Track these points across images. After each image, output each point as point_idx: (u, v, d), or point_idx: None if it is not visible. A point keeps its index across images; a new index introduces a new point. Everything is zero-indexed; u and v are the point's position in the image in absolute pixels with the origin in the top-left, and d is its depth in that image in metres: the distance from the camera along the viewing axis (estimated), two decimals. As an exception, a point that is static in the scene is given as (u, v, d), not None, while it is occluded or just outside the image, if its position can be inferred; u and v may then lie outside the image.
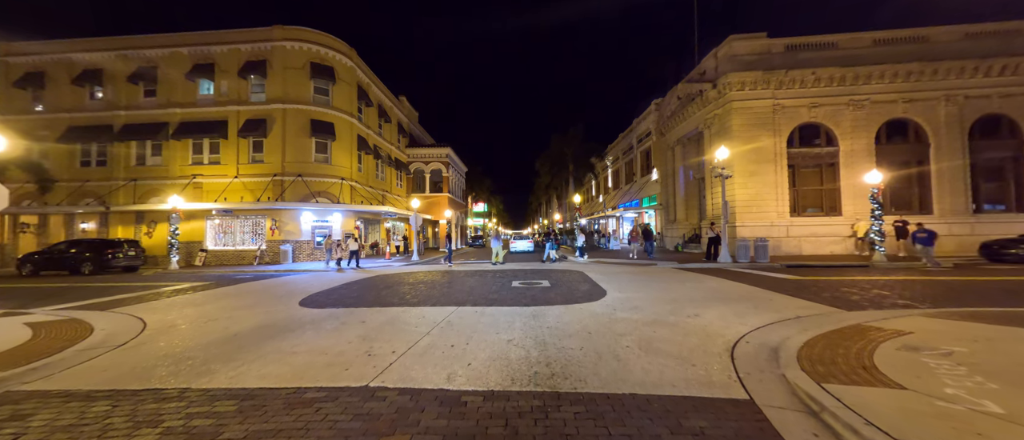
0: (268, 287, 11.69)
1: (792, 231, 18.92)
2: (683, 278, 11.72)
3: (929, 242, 13.16)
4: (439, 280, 12.41)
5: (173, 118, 22.46)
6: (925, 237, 13.27)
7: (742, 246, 16.17)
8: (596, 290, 9.58)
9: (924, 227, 13.82)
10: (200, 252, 21.48)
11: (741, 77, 19.24)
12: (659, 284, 10.46)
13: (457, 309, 7.50)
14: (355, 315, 7.18)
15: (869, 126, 19.02)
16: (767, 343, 4.92)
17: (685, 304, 7.59)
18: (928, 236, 13.26)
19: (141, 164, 22.95)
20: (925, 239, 13.25)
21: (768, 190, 19.21)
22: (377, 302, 8.52)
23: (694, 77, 22.96)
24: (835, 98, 19.12)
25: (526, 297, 8.78)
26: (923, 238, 13.34)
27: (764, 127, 19.42)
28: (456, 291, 9.89)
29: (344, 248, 16.30)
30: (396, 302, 8.45)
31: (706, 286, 9.91)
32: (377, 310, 7.60)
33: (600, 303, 7.91)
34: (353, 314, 7.28)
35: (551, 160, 38.33)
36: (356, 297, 9.31)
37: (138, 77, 22.65)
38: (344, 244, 16.35)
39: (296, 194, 21.87)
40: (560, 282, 11.25)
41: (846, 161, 19.15)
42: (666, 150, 28.04)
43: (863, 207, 18.55)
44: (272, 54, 22.15)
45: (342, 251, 16.32)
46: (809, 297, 8.09)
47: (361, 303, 8.45)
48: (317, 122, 22.60)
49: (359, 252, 16.29)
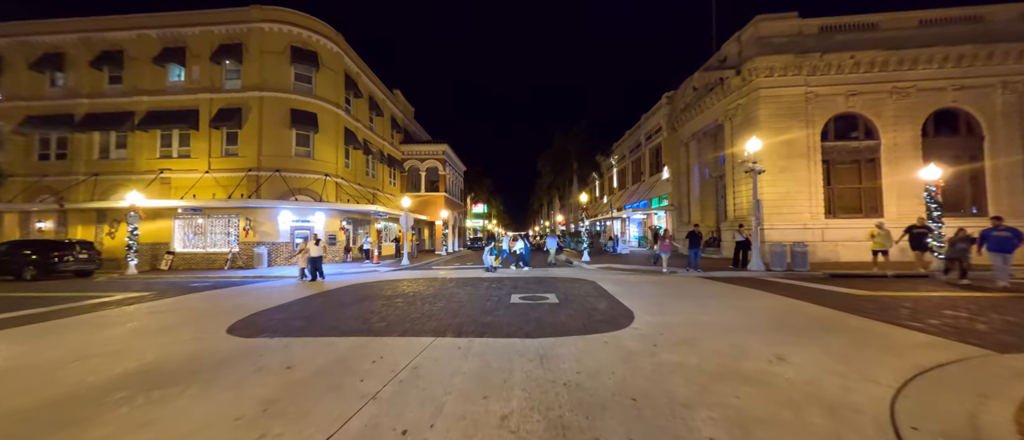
0: (215, 300, 9.59)
1: (828, 234, 16.79)
2: (719, 292, 9.59)
3: (1011, 247, 10.45)
4: (424, 292, 10.30)
5: (140, 107, 20.41)
6: (1007, 239, 10.45)
7: (777, 252, 14.04)
8: (618, 309, 7.46)
9: (1003, 225, 10.87)
10: (166, 255, 19.40)
11: (769, 62, 17.16)
12: (694, 302, 8.33)
13: (434, 343, 5.39)
14: (288, 351, 5.07)
15: (914, 117, 16.90)
16: (955, 434, 2.80)
17: (749, 336, 5.47)
18: (1010, 238, 10.38)
19: (104, 158, 20.90)
20: (1006, 242, 10.42)
21: (800, 188, 17.09)
22: (331, 328, 6.40)
23: (713, 65, 20.86)
24: (876, 85, 17.01)
25: (529, 320, 6.67)
26: (1003, 241, 10.34)
27: (795, 118, 17.32)
28: (440, 309, 7.78)
29: (305, 251, 13.61)
30: (355, 328, 6.34)
31: (757, 305, 7.78)
32: (323, 343, 5.49)
33: (630, 332, 5.79)
34: (287, 349, 5.17)
35: (553, 158, 36.27)
36: (308, 318, 7.20)
37: (102, 62, 20.62)
38: (306, 247, 13.61)
39: (273, 191, 19.79)
40: (570, 296, 9.13)
41: (888, 156, 17.03)
42: (679, 146, 25.94)
43: (909, 208, 16.47)
44: (248, 37, 20.11)
45: (301, 257, 13.66)
46: (910, 324, 5.96)
47: (309, 329, 6.34)
48: (298, 112, 20.53)
49: (320, 259, 13.55)
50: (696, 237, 14.60)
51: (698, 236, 14.67)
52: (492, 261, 15.82)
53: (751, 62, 17.38)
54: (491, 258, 15.89)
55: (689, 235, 14.59)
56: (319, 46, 21.47)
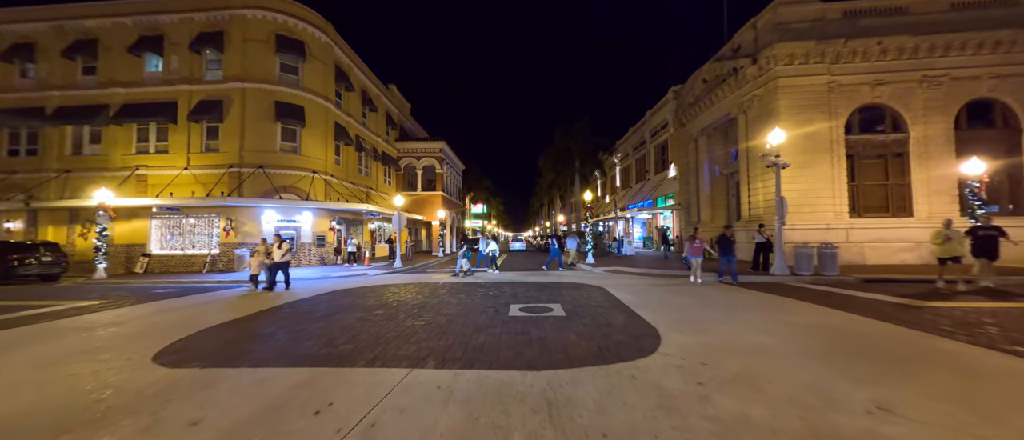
0: (167, 312, 8.30)
1: (853, 235, 15.51)
2: (751, 303, 8.31)
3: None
4: (410, 301, 9.02)
5: (115, 99, 19.12)
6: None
7: (803, 254, 12.75)
8: (638, 325, 6.18)
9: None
10: (141, 257, 18.11)
11: (789, 48, 15.89)
12: (726, 316, 7.05)
13: (408, 378, 4.11)
14: (209, 392, 3.79)
15: (947, 108, 15.63)
16: None
17: (820, 368, 4.19)
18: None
19: (77, 153, 19.60)
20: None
21: (823, 185, 15.82)
22: (283, 353, 5.12)
23: (725, 55, 19.59)
24: (904, 74, 15.75)
25: (531, 342, 5.39)
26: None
27: (817, 109, 16.05)
28: (425, 325, 6.50)
29: (260, 253, 11.62)
30: (313, 353, 5.05)
31: (805, 320, 6.50)
32: (261, 378, 4.20)
33: (662, 360, 4.51)
34: (210, 388, 3.89)
35: (555, 156, 34.92)
36: (263, 338, 5.92)
37: (75, 51, 19.33)
38: (264, 250, 11.65)
39: (257, 189, 18.51)
40: (578, 307, 7.85)
41: (918, 150, 15.76)
42: (687, 142, 24.66)
43: (941, 206, 15.23)
44: (230, 24, 18.83)
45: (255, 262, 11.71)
46: (1008, 348, 4.69)
47: (256, 354, 5.06)
48: (283, 105, 19.25)
49: (287, 265, 11.54)
50: (728, 242, 11.72)
51: (730, 241, 11.74)
52: (465, 264, 14.58)
53: (769, 49, 16.11)
54: (464, 262, 14.62)
55: (719, 239, 11.90)
56: (306, 35, 20.19)
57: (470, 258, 15.02)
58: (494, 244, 16.62)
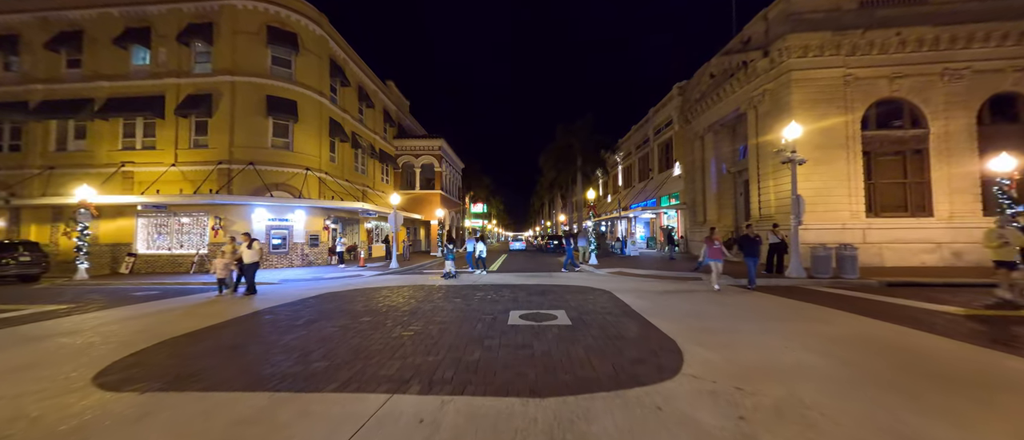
0: (132, 319, 7.59)
1: (870, 235, 14.77)
2: (775, 310, 7.60)
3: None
4: (401, 307, 8.31)
5: (100, 93, 18.41)
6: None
7: (820, 256, 12.03)
8: (654, 337, 5.47)
9: None
10: (127, 257, 17.41)
11: (804, 39, 15.16)
12: (751, 326, 6.34)
13: (387, 405, 3.41)
14: (146, 424, 3.09)
15: (969, 102, 14.90)
16: None
17: (882, 396, 3.48)
18: None
19: (61, 149, 18.89)
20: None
21: (838, 183, 15.09)
22: (244, 371, 4.41)
23: (734, 47, 18.86)
24: (924, 67, 15.01)
25: (533, 358, 4.68)
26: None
27: (832, 103, 15.32)
28: (413, 336, 5.79)
29: (224, 255, 10.59)
30: (280, 371, 4.34)
31: (843, 332, 5.79)
32: (214, 403, 3.49)
33: (690, 383, 3.80)
34: (148, 416, 3.19)
35: (556, 154, 34.16)
36: (227, 351, 5.21)
37: (60, 43, 18.61)
38: (230, 250, 10.65)
39: (247, 186, 17.80)
40: (585, 314, 7.13)
41: (938, 147, 15.02)
42: (693, 140, 23.94)
43: (963, 205, 14.51)
44: (220, 15, 18.11)
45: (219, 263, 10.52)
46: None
47: (213, 373, 4.35)
48: (275, 99, 18.53)
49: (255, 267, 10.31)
50: (752, 243, 10.47)
51: (755, 241, 10.54)
52: (450, 266, 13.78)
53: (782, 40, 15.38)
54: (449, 264, 13.82)
55: (740, 239, 10.67)
56: (299, 27, 19.47)
57: (454, 259, 14.17)
58: (481, 245, 16.02)
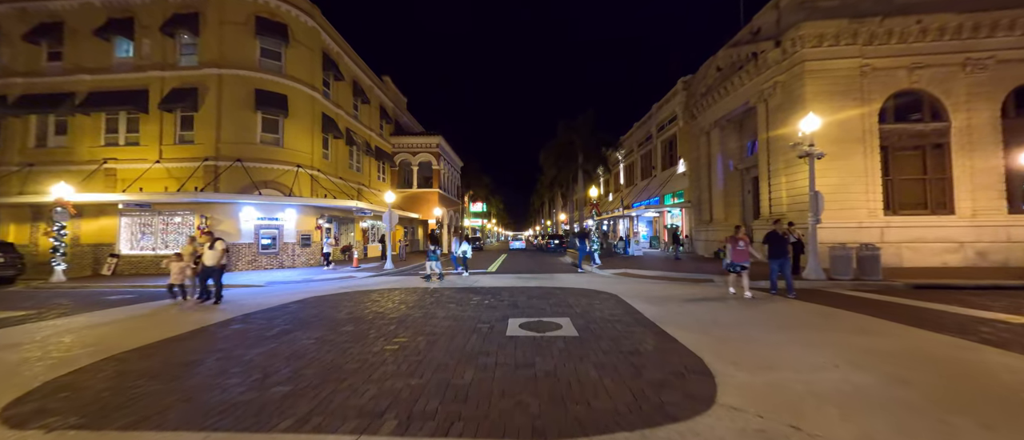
0: (88, 329, 6.84)
1: (888, 234, 14.02)
2: (805, 318, 6.85)
3: None
4: (388, 314, 7.55)
5: (81, 87, 17.63)
6: None
7: (840, 256, 11.29)
8: (675, 352, 4.72)
9: None
10: (109, 258, 16.64)
11: (818, 28, 14.40)
12: (785, 337, 5.59)
13: (346, 455, 2.65)
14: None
15: (993, 94, 14.14)
16: None
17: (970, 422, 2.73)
18: None
19: (41, 146, 18.13)
20: None
21: (855, 179, 14.33)
22: (188, 400, 3.66)
23: (743, 39, 18.09)
24: (946, 56, 14.25)
25: (536, 384, 3.92)
26: None
27: (848, 96, 14.56)
28: (395, 352, 5.04)
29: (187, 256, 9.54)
30: (227, 403, 3.58)
31: (893, 346, 5.04)
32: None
33: (730, 420, 3.04)
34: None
35: (557, 152, 33.40)
36: (178, 372, 4.45)
37: (39, 35, 17.83)
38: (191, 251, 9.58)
39: (234, 184, 17.04)
40: (592, 324, 6.38)
41: (960, 141, 14.26)
42: (698, 135, 23.17)
43: (986, 203, 13.78)
44: (206, 5, 17.32)
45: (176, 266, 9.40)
46: None
47: (149, 401, 3.59)
48: (264, 93, 17.76)
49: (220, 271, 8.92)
50: (780, 242, 8.98)
51: (784, 240, 9.13)
52: (433, 267, 12.87)
53: (795, 29, 14.61)
54: (432, 264, 12.89)
55: (768, 237, 9.19)
56: (289, 17, 18.69)
57: (437, 260, 13.24)
58: (466, 245, 15.33)
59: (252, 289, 11.81)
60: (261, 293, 10.78)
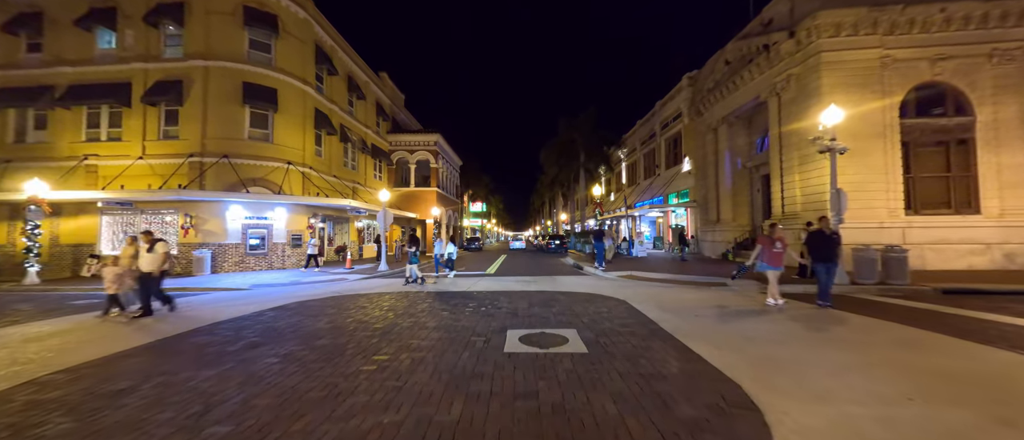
0: (35, 339, 6.06)
1: (910, 235, 13.24)
2: (840, 330, 6.07)
3: None
4: (373, 325, 6.77)
5: (61, 80, 16.85)
6: None
7: (864, 258, 10.52)
8: (707, 378, 3.94)
9: None
10: (89, 259, 15.84)
11: (836, 17, 13.62)
12: (831, 356, 4.81)
13: None
14: None
15: (1021, 86, 13.37)
16: None
17: None
18: None
19: (20, 141, 17.34)
20: None
21: (875, 177, 13.56)
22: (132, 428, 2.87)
23: (754, 30, 17.33)
24: (971, 47, 13.49)
25: (541, 420, 3.13)
26: None
27: (867, 88, 13.79)
28: (372, 374, 4.25)
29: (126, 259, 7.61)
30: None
31: (965, 368, 4.24)
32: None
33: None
34: None
35: (558, 149, 32.68)
36: (104, 400, 3.65)
37: (18, 26, 17.05)
38: (130, 253, 7.60)
39: (221, 181, 16.26)
40: (603, 336, 5.59)
41: (986, 136, 13.50)
42: (705, 133, 22.39)
43: (1015, 202, 13.04)
44: (192, -6, 16.55)
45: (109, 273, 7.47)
46: None
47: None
48: (252, 86, 16.98)
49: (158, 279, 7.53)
50: (828, 243, 7.66)
51: (830, 240, 7.71)
52: (414, 270, 12.04)
53: (811, 18, 13.84)
54: (412, 268, 12.06)
55: (813, 238, 7.89)
56: (280, 8, 17.90)
57: (418, 262, 12.30)
58: (452, 246, 14.57)
59: (234, 293, 11.04)
60: (242, 297, 10.00)
